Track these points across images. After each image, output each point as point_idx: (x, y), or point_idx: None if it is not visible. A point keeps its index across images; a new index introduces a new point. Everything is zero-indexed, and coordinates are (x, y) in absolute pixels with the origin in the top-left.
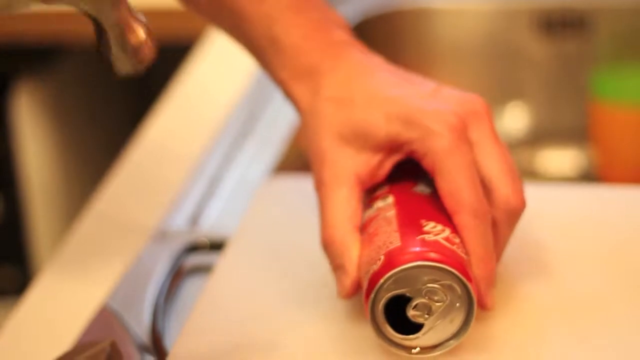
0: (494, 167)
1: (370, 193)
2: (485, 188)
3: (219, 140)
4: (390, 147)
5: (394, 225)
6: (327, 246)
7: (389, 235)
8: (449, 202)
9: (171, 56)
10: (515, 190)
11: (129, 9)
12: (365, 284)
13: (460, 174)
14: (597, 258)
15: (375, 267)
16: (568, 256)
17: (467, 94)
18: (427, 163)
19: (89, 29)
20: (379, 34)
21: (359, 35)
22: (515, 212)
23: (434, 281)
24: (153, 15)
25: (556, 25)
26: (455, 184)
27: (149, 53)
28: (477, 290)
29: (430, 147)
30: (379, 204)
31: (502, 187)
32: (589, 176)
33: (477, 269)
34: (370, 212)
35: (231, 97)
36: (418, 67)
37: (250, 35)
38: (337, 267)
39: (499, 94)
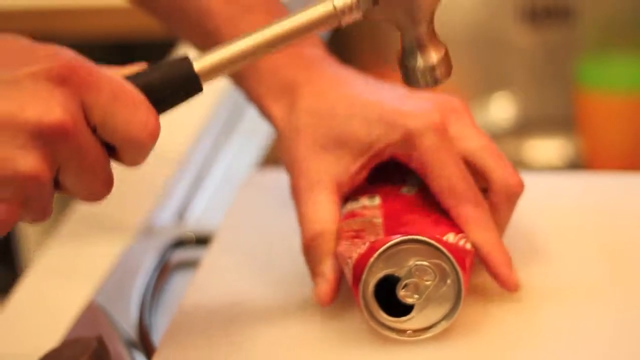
0: (485, 155)
1: (354, 191)
2: (480, 176)
3: (204, 136)
4: (372, 152)
5: (381, 233)
6: (308, 253)
7: (376, 237)
8: (445, 198)
9: (155, 52)
10: (511, 172)
11: (430, 31)
12: (350, 271)
13: (451, 169)
14: (586, 244)
15: (361, 250)
16: (559, 242)
17: (443, 94)
18: (414, 164)
19: (73, 26)
20: (362, 27)
21: (342, 29)
22: (514, 193)
23: (422, 259)
24: (138, 12)
25: (541, 14)
26: (447, 179)
27: (442, 74)
28: (502, 274)
29: (415, 148)
30: (365, 201)
31: (498, 171)
32: (576, 165)
33: (495, 256)
34: (354, 205)
35: (215, 93)
36: None
37: None
38: (316, 274)
39: (485, 84)
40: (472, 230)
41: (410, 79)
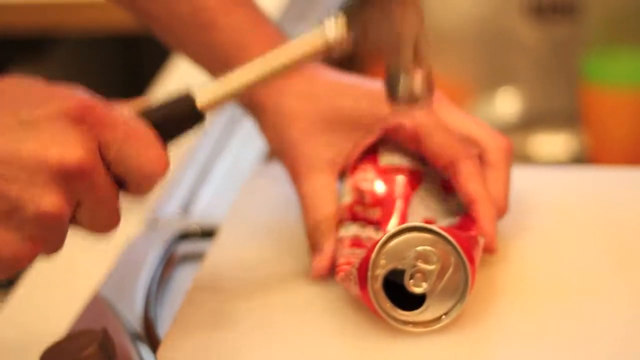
0: (469, 124)
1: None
2: (471, 142)
3: (210, 129)
4: (363, 127)
5: None
6: (311, 235)
7: None
8: (442, 157)
9: (158, 47)
10: (495, 133)
11: (415, 53)
12: (356, 279)
13: (441, 133)
14: (591, 238)
15: (362, 254)
16: (563, 237)
17: None
18: (402, 136)
19: (78, 20)
20: None
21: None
22: (508, 149)
23: (422, 245)
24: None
25: (547, 9)
26: (439, 140)
27: (424, 93)
28: (485, 229)
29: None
30: (371, 232)
31: (484, 134)
32: (581, 159)
33: (484, 211)
34: (361, 233)
35: None
36: None
37: (214, 44)
38: (316, 250)
39: (491, 79)
40: (469, 186)
41: (393, 96)
